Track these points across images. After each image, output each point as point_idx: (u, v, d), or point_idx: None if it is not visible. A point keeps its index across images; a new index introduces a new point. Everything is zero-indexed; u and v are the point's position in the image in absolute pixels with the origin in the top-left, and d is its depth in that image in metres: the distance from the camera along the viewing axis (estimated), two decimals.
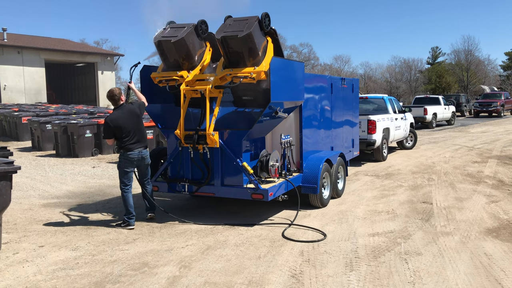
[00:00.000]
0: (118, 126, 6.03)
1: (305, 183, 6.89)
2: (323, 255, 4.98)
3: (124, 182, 6.20)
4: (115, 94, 6.14)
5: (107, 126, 6.06)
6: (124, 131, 6.04)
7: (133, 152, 6.12)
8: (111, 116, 6.11)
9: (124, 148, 6.10)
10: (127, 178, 6.20)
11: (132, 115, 6.16)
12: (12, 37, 33.42)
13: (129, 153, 6.09)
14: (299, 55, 66.52)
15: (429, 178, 9.43)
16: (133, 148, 6.11)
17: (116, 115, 6.11)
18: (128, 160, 6.12)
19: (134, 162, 6.17)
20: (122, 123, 6.05)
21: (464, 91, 53.91)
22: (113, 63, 38.16)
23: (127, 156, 6.10)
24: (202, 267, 4.69)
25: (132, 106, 6.29)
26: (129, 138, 6.08)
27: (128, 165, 6.16)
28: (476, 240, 5.39)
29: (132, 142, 6.11)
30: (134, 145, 6.13)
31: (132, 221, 6.18)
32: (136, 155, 6.14)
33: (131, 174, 6.26)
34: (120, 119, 6.06)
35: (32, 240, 5.73)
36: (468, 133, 19.62)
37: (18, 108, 21.73)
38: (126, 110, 6.18)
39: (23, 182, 9.93)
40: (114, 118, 6.07)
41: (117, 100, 6.17)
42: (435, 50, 68.44)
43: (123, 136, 6.05)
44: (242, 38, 5.72)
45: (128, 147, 6.09)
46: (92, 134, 13.98)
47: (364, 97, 13.76)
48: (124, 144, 6.08)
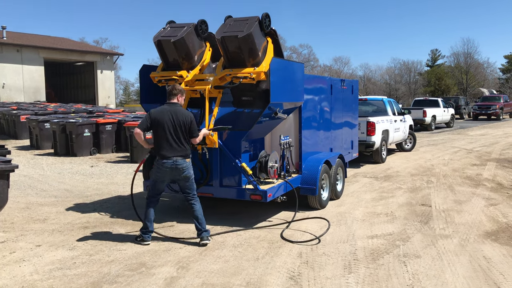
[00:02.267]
0: (158, 121, 5.27)
1: (304, 184, 6.87)
2: (322, 257, 4.96)
3: (151, 191, 5.54)
4: (175, 88, 5.43)
5: (147, 116, 5.35)
6: (162, 131, 5.27)
7: (167, 161, 5.29)
8: (156, 108, 5.41)
9: (158, 154, 5.36)
10: (154, 188, 5.50)
11: (179, 119, 5.29)
12: (11, 35, 33.37)
13: (162, 161, 5.30)
14: (298, 56, 66.57)
15: (428, 180, 9.42)
16: (166, 156, 5.29)
17: (162, 109, 5.35)
18: (160, 169, 5.35)
19: (166, 172, 5.34)
20: (165, 120, 5.27)
21: (463, 94, 53.96)
22: (112, 62, 38.14)
23: (160, 164, 5.33)
24: (200, 268, 4.66)
25: (186, 112, 5.40)
26: (165, 142, 5.28)
27: (158, 175, 5.39)
28: (475, 243, 5.37)
29: (167, 147, 5.28)
30: (169, 153, 5.29)
31: (147, 237, 5.47)
32: (170, 164, 5.30)
33: (161, 186, 5.48)
34: (165, 115, 5.29)
35: (29, 239, 5.70)
36: (467, 136, 19.62)
37: (17, 107, 21.68)
38: (176, 110, 5.34)
39: (21, 180, 9.89)
40: (159, 111, 5.33)
41: (173, 95, 5.43)
42: (435, 53, 68.62)
43: (160, 137, 5.30)
44: (242, 38, 5.70)
45: (162, 153, 5.30)
46: (90, 133, 13.94)
47: (364, 98, 13.75)
48: (159, 147, 5.32)
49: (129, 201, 7.84)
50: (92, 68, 36.60)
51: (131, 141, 12.63)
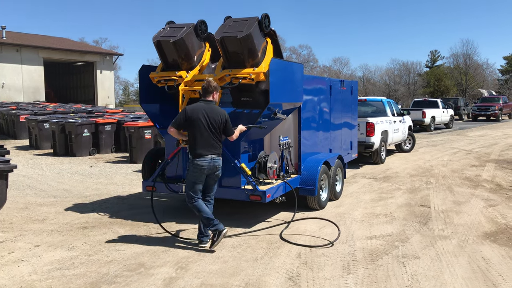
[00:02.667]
0: (193, 119, 5.10)
1: (303, 185, 6.86)
2: (321, 257, 4.96)
3: (191, 196, 5.22)
4: (211, 86, 5.26)
5: (182, 112, 5.14)
6: (199, 128, 5.10)
7: (203, 159, 5.13)
8: (191, 105, 5.23)
9: (194, 153, 5.14)
10: (194, 191, 5.21)
11: (214, 117, 5.17)
12: (11, 35, 33.36)
13: (199, 160, 5.10)
14: (298, 56, 66.59)
15: (427, 181, 9.42)
16: (203, 154, 5.12)
17: (197, 107, 5.17)
18: (197, 168, 5.13)
19: (204, 170, 5.17)
20: (199, 118, 5.11)
21: (462, 95, 54.02)
22: (112, 63, 38.14)
23: (197, 163, 5.12)
24: (198, 269, 4.66)
25: (221, 111, 5.29)
26: (200, 140, 5.12)
27: (195, 175, 5.16)
28: (474, 244, 5.37)
29: (203, 145, 5.13)
30: (205, 151, 5.13)
31: (220, 225, 5.17)
32: (207, 163, 5.15)
33: (200, 187, 5.26)
34: (201, 113, 5.12)
35: (28, 239, 5.70)
36: (466, 137, 19.63)
37: (16, 107, 21.67)
38: (211, 108, 5.21)
39: (20, 180, 9.88)
40: (194, 109, 5.14)
41: (209, 92, 5.27)
42: (434, 54, 68.68)
43: (195, 135, 5.12)
44: (241, 38, 5.70)
45: (199, 151, 5.11)
46: (90, 134, 13.94)
47: (363, 99, 13.76)
48: (194, 146, 5.14)
49: (128, 201, 7.85)
50: (91, 68, 36.60)
51: (131, 141, 12.62)
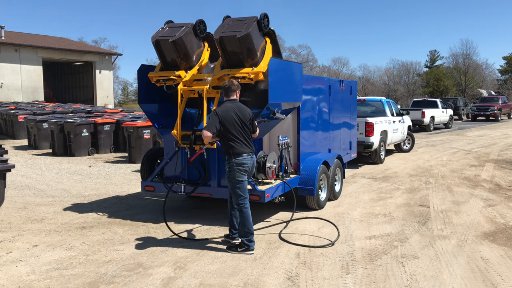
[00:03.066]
0: (227, 120, 5.04)
1: (302, 185, 6.86)
2: (320, 257, 4.95)
3: (240, 195, 5.09)
4: (234, 84, 5.24)
5: (214, 116, 5.03)
6: (234, 128, 5.07)
7: (246, 157, 5.11)
8: (220, 107, 5.17)
9: (233, 153, 5.08)
10: (242, 190, 5.10)
11: (244, 115, 5.17)
12: (9, 34, 33.31)
13: (241, 158, 5.07)
14: (297, 56, 66.57)
15: (426, 181, 9.42)
16: (244, 152, 5.10)
17: (226, 107, 5.12)
18: (240, 166, 5.08)
19: (248, 169, 5.13)
20: (233, 118, 5.07)
21: (462, 95, 54.06)
22: (111, 62, 38.10)
23: (239, 162, 5.07)
24: (197, 268, 4.65)
25: (247, 108, 5.26)
26: (238, 139, 5.10)
27: (240, 173, 5.09)
28: (473, 244, 5.37)
29: (242, 144, 5.12)
30: (245, 148, 5.13)
31: (253, 244, 5.12)
32: (249, 160, 5.14)
33: (246, 184, 5.18)
34: (233, 112, 5.09)
35: (26, 239, 5.68)
36: (465, 137, 19.64)
37: (15, 106, 21.64)
38: (239, 106, 5.18)
39: (19, 180, 9.86)
40: (224, 110, 5.08)
41: (233, 91, 5.23)
42: (433, 54, 68.69)
43: (232, 135, 5.07)
44: (240, 38, 5.69)
45: (239, 149, 5.07)
46: (88, 133, 13.93)
47: (362, 99, 13.76)
48: (233, 145, 5.08)
49: (127, 201, 7.84)
50: (90, 68, 36.55)
51: (129, 141, 12.61)
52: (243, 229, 5.12)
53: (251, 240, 5.12)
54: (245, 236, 5.11)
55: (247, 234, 5.10)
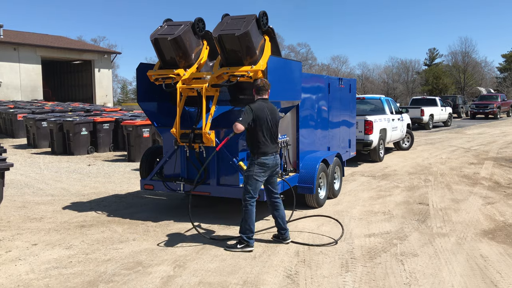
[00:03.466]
0: (259, 118, 5.11)
1: (302, 183, 6.85)
2: (319, 255, 4.95)
3: (250, 193, 5.14)
4: (266, 83, 5.31)
5: (248, 111, 5.08)
6: (265, 126, 5.14)
7: (269, 157, 5.17)
8: (254, 104, 5.19)
9: (258, 151, 5.14)
10: (254, 188, 5.14)
11: (275, 115, 5.28)
12: (8, 33, 33.26)
13: (264, 158, 5.12)
14: (296, 55, 66.54)
15: (426, 179, 9.42)
16: (268, 152, 5.16)
17: (260, 105, 5.17)
18: (261, 166, 5.13)
19: (268, 169, 5.20)
20: (265, 116, 5.14)
21: (461, 93, 54.07)
22: (110, 61, 38.05)
23: (261, 162, 5.12)
24: (196, 267, 4.65)
25: (276, 109, 5.40)
26: (265, 138, 5.15)
27: (260, 173, 5.14)
28: (472, 242, 5.37)
29: (268, 143, 5.17)
30: (269, 148, 5.18)
31: (252, 242, 5.18)
32: (272, 160, 5.20)
33: (261, 185, 5.26)
34: (266, 111, 5.16)
35: (26, 238, 5.68)
36: (464, 135, 19.66)
37: (14, 105, 21.61)
38: (270, 106, 5.28)
39: (18, 179, 9.85)
40: (258, 107, 5.13)
41: (265, 90, 5.31)
42: (433, 52, 68.66)
43: (261, 133, 5.13)
44: (239, 36, 5.68)
45: (264, 149, 5.13)
46: (88, 132, 13.91)
47: (361, 97, 13.75)
48: (259, 144, 5.13)
49: (126, 200, 7.84)
50: (89, 66, 36.51)
51: (129, 140, 12.60)
52: (244, 226, 5.14)
53: (251, 238, 5.16)
54: (245, 233, 5.14)
55: (247, 231, 5.13)
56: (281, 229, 5.37)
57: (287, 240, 5.37)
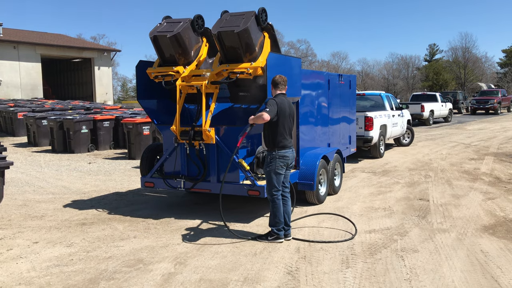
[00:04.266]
0: (282, 111, 5.22)
1: (302, 179, 6.85)
2: (319, 252, 4.96)
3: (276, 187, 5.25)
4: (283, 79, 5.42)
5: (273, 103, 5.16)
6: (286, 120, 5.27)
7: (288, 150, 5.29)
8: (277, 97, 5.30)
9: (278, 145, 5.23)
10: (278, 182, 5.27)
11: (292, 109, 5.41)
12: (7, 32, 33.20)
13: (284, 151, 5.24)
14: (296, 51, 66.43)
15: (426, 175, 9.42)
16: (287, 145, 5.28)
17: (282, 99, 5.30)
18: (282, 159, 5.24)
19: (288, 162, 5.32)
20: (286, 110, 5.27)
21: (461, 88, 54.01)
22: (110, 59, 37.99)
23: (282, 155, 5.23)
24: (197, 264, 4.66)
25: (291, 103, 5.52)
26: (285, 132, 5.27)
27: (281, 166, 5.25)
28: (473, 237, 5.37)
29: (287, 137, 5.31)
30: (288, 142, 5.31)
31: (282, 233, 5.30)
32: (291, 153, 5.32)
33: (282, 178, 5.34)
34: (287, 105, 5.30)
35: (27, 236, 5.69)
36: (465, 130, 19.64)
37: (14, 104, 21.60)
38: (289, 101, 5.42)
39: (18, 178, 9.86)
40: (281, 101, 5.26)
41: (284, 85, 5.43)
42: (433, 47, 68.52)
43: (282, 127, 5.24)
44: (238, 33, 5.67)
45: (284, 143, 5.25)
46: (88, 130, 13.91)
47: (361, 93, 13.74)
48: (280, 137, 5.23)
49: (127, 197, 7.84)
50: (89, 64, 36.46)
51: (129, 137, 12.60)
52: (274, 219, 5.28)
53: (280, 230, 5.29)
54: (275, 226, 5.27)
55: (277, 224, 5.27)
56: (285, 225, 5.39)
57: (289, 237, 5.39)
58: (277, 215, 5.26)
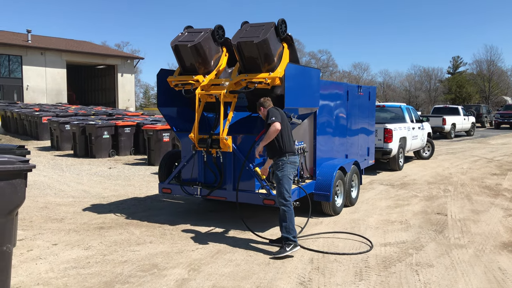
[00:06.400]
0: (284, 118, 5.37)
1: (318, 190, 6.85)
2: (333, 263, 4.94)
3: (288, 192, 5.23)
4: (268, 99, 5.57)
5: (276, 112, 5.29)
6: (288, 127, 5.43)
7: (296, 156, 5.42)
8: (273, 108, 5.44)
9: (287, 151, 5.29)
10: (290, 188, 5.29)
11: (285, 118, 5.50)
12: (35, 38, 34.19)
13: (294, 157, 5.34)
14: (317, 62, 66.44)
15: (445, 189, 9.29)
16: (295, 151, 5.40)
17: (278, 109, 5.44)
18: (293, 165, 5.32)
19: (296, 169, 5.42)
20: (284, 116, 5.40)
21: (485, 102, 53.04)
22: (133, 66, 38.71)
23: (293, 160, 5.32)
24: (211, 271, 4.69)
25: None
26: (290, 137, 5.40)
27: (292, 172, 5.31)
28: (491, 254, 5.28)
29: (292, 143, 5.42)
30: (294, 147, 5.42)
31: (297, 241, 5.30)
32: (298, 159, 5.46)
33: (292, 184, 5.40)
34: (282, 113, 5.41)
35: (46, 238, 5.83)
36: (488, 145, 19.27)
37: (39, 108, 22.16)
38: (282, 112, 5.50)
39: (41, 181, 10.11)
40: (280, 110, 5.43)
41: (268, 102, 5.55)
42: (456, 60, 67.63)
43: (286, 133, 5.34)
44: (257, 44, 5.74)
45: (292, 148, 5.36)
46: (109, 136, 14.17)
47: (381, 105, 13.66)
48: (288, 143, 5.31)
49: (145, 203, 7.96)
50: (113, 71, 37.22)
51: (149, 144, 12.79)
52: (288, 227, 5.20)
53: (295, 237, 5.24)
54: (291, 233, 5.19)
55: (292, 231, 5.20)
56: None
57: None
58: (292, 222, 5.21)
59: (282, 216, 5.25)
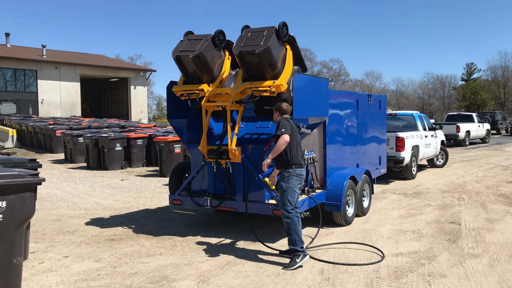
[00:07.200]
0: (294, 130, 5.37)
1: (329, 200, 6.80)
2: (344, 274, 4.88)
3: (292, 204, 5.21)
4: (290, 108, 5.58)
5: (286, 123, 5.30)
6: (297, 139, 5.41)
7: (303, 169, 5.42)
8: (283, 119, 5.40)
9: (294, 163, 5.29)
10: (296, 200, 5.27)
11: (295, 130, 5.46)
12: (50, 53, 34.84)
13: (300, 170, 5.35)
14: (329, 71, 66.44)
15: (459, 197, 9.14)
16: (302, 164, 5.41)
17: (289, 120, 5.44)
18: (299, 177, 5.32)
19: (302, 182, 5.42)
20: (294, 128, 5.41)
21: (500, 109, 52.34)
22: (145, 78, 39.12)
23: (299, 173, 5.33)
24: (220, 283, 4.67)
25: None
26: (298, 150, 5.39)
27: (297, 184, 5.30)
28: (506, 264, 5.16)
29: (300, 155, 5.42)
30: (301, 160, 5.43)
31: (305, 249, 5.29)
32: (304, 172, 5.46)
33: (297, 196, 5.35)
34: (293, 124, 5.44)
35: (58, 250, 5.87)
36: (503, 152, 18.97)
37: (53, 121, 22.50)
38: (293, 123, 5.48)
39: (54, 193, 10.21)
40: (291, 122, 5.43)
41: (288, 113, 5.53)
42: (470, 67, 67.00)
43: (295, 145, 5.33)
44: (260, 53, 5.68)
45: (300, 160, 5.37)
46: (122, 148, 14.29)
47: (393, 113, 13.56)
48: (296, 155, 5.32)
49: (156, 215, 7.98)
50: (126, 84, 37.65)
51: (161, 155, 12.87)
52: (295, 238, 5.15)
53: (303, 247, 5.19)
54: (298, 245, 5.16)
55: (299, 242, 5.16)
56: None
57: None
58: (298, 233, 5.16)
59: (286, 229, 5.22)
